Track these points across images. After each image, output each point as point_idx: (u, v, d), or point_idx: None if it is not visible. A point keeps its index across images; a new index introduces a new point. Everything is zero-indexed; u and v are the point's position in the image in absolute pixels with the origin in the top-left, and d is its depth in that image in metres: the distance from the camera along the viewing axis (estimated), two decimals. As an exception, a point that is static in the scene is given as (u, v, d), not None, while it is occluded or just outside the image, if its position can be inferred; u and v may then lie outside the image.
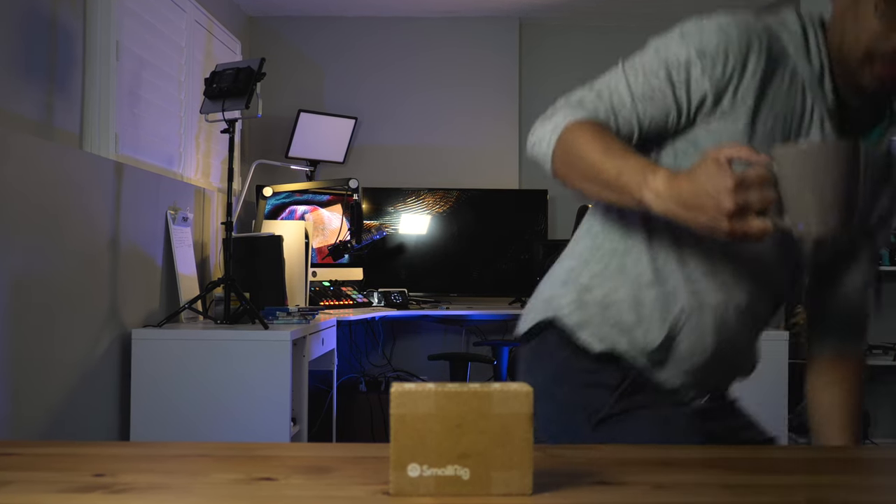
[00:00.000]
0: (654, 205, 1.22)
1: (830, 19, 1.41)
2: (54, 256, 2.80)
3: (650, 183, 1.22)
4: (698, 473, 1.17)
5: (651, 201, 1.22)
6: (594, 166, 1.30)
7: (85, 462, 1.17)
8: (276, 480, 1.06)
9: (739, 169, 1.16)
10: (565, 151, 1.35)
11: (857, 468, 1.24)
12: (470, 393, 0.98)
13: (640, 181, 1.23)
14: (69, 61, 3.12)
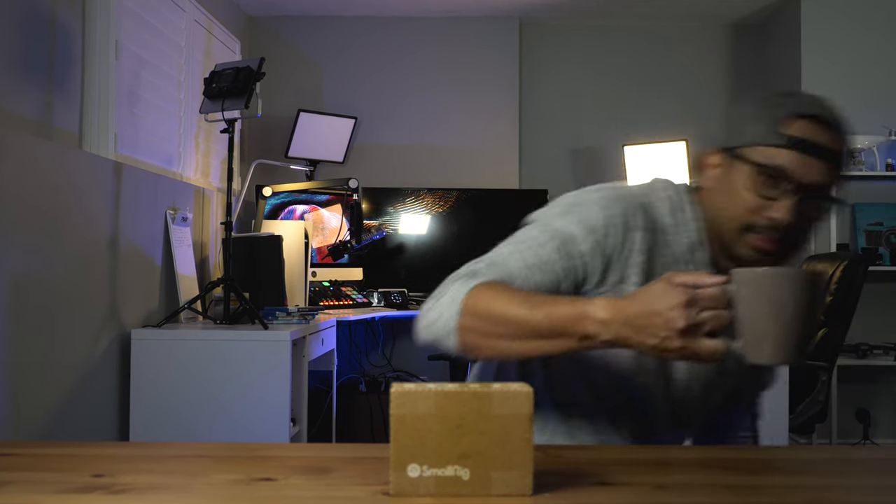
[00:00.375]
0: (602, 333, 1.17)
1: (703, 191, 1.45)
2: (53, 256, 2.80)
3: (592, 314, 1.18)
4: (699, 474, 1.17)
5: (598, 331, 1.18)
6: (520, 320, 1.23)
7: (84, 462, 1.17)
8: (275, 481, 1.06)
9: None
10: (476, 317, 1.28)
11: (857, 469, 1.23)
12: (470, 393, 0.98)
13: (578, 316, 1.19)
14: (68, 61, 3.12)
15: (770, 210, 1.34)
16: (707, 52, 5.65)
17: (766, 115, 1.36)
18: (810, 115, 1.34)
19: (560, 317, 1.20)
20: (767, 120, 1.36)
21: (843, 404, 4.82)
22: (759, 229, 1.36)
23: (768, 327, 1.09)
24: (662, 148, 5.04)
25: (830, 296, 3.84)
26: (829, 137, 1.34)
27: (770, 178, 1.34)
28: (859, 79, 4.96)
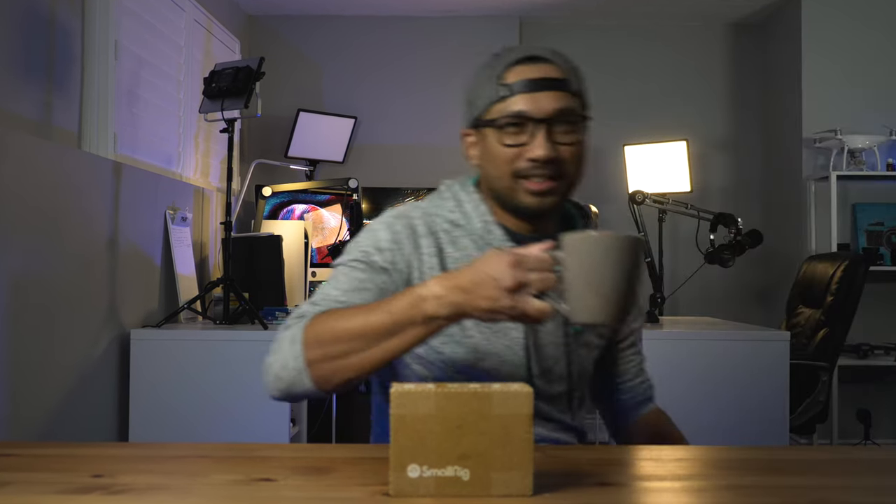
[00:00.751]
0: (441, 309, 1.20)
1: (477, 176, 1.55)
2: (53, 256, 2.79)
3: (426, 293, 1.21)
4: (698, 474, 1.18)
5: (436, 308, 1.20)
6: (362, 328, 1.26)
7: (83, 463, 1.17)
8: (275, 481, 1.06)
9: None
10: (320, 345, 1.29)
11: (858, 469, 1.23)
12: (470, 393, 0.98)
13: (414, 301, 1.22)
14: (68, 60, 3.11)
15: (527, 152, 1.42)
16: (708, 52, 5.65)
17: (488, 77, 1.46)
18: (523, 59, 1.45)
19: (398, 309, 1.23)
20: (491, 81, 1.45)
21: (844, 405, 4.82)
22: (526, 173, 1.43)
23: (590, 288, 1.14)
24: (663, 147, 5.04)
25: (831, 296, 3.84)
26: (546, 69, 1.44)
27: (514, 126, 1.43)
28: (860, 78, 4.96)
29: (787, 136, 5.23)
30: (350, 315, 1.29)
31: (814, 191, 4.93)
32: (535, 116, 1.42)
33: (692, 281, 4.88)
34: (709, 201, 5.32)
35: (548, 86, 1.43)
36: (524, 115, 1.42)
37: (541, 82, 1.43)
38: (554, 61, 1.45)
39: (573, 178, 1.47)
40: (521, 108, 1.42)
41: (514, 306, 1.15)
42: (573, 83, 1.46)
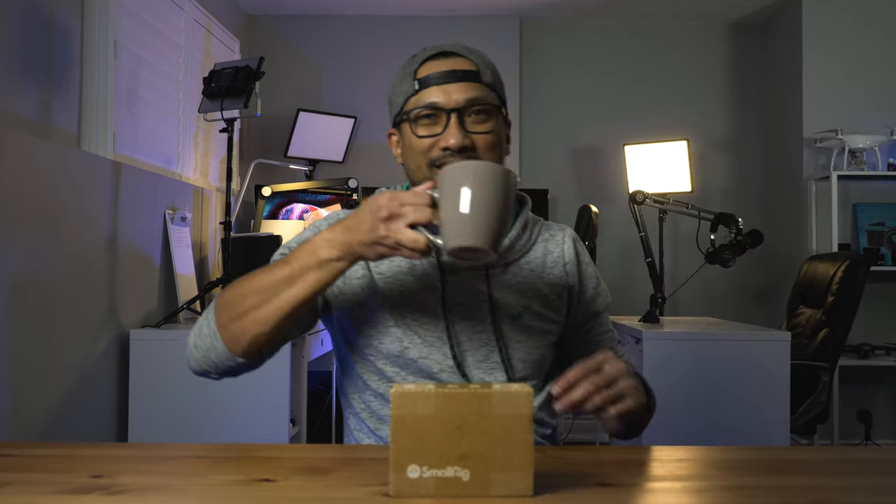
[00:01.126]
0: (330, 249, 1.28)
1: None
2: (52, 257, 2.78)
3: (318, 239, 1.29)
4: (699, 475, 1.18)
5: (329, 251, 1.28)
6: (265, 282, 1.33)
7: (82, 463, 1.17)
8: (274, 482, 1.06)
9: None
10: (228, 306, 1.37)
11: (859, 469, 1.23)
12: (470, 394, 0.98)
13: (309, 248, 1.30)
14: (67, 60, 3.11)
15: (441, 141, 1.47)
16: (709, 51, 5.65)
17: (404, 74, 1.52)
18: (433, 55, 1.51)
19: (295, 259, 1.31)
20: (407, 77, 1.52)
21: (845, 405, 4.82)
22: (441, 162, 1.46)
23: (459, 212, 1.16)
24: (664, 147, 5.03)
25: (831, 296, 3.84)
26: (457, 62, 1.50)
27: (427, 119, 1.48)
28: (861, 78, 4.95)
29: (787, 136, 5.23)
30: (255, 275, 1.36)
31: (814, 191, 4.93)
32: (446, 106, 1.47)
33: (693, 281, 4.87)
34: (709, 201, 5.32)
35: (458, 77, 1.48)
36: (436, 106, 1.47)
37: (451, 73, 1.49)
38: (465, 55, 1.51)
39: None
40: (433, 98, 1.48)
41: (388, 235, 1.20)
42: (485, 75, 1.51)
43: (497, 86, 1.53)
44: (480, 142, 1.48)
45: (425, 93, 1.49)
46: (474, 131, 1.48)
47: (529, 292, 1.55)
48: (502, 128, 1.54)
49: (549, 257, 1.60)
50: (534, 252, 1.59)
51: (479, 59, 1.52)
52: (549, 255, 1.60)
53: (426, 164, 1.49)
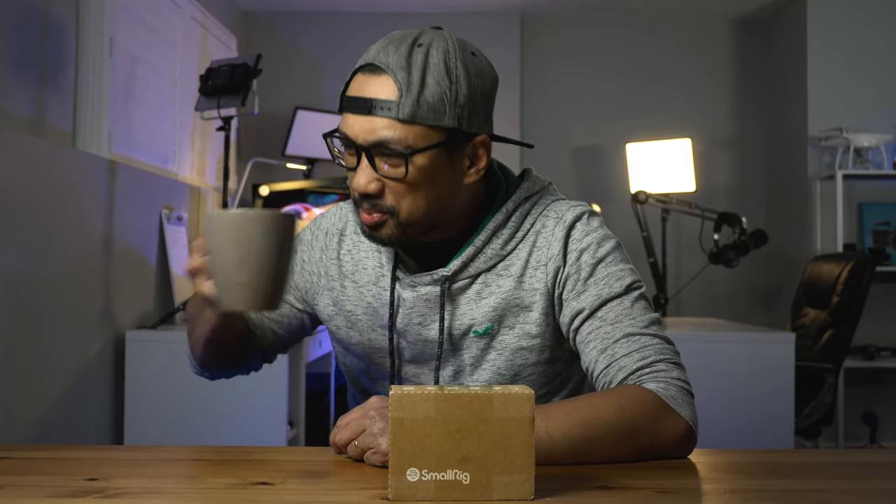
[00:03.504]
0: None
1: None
2: (46, 257, 2.77)
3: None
4: (702, 478, 1.17)
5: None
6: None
7: (78, 466, 1.16)
8: (272, 485, 1.06)
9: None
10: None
11: (864, 472, 1.22)
12: (470, 396, 0.97)
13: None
14: (62, 58, 3.09)
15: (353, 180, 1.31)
16: (712, 48, 5.63)
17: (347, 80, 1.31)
18: (361, 67, 1.28)
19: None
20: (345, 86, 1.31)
21: (850, 407, 4.79)
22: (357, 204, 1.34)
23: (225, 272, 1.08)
24: (666, 145, 4.99)
25: (836, 297, 3.81)
26: (378, 85, 1.25)
27: (345, 147, 1.32)
28: (866, 76, 4.93)
29: (792, 135, 5.21)
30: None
31: (819, 190, 4.90)
32: (355, 140, 1.27)
33: (696, 281, 4.85)
34: (713, 201, 5.29)
35: (367, 108, 1.25)
36: (347, 138, 1.29)
37: (361, 103, 1.26)
38: (392, 74, 1.24)
39: (409, 212, 1.30)
40: (346, 128, 1.28)
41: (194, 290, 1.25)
42: (404, 107, 1.24)
43: (428, 116, 1.25)
44: (391, 187, 1.28)
45: (344, 117, 1.29)
46: (384, 175, 1.27)
47: (503, 303, 1.38)
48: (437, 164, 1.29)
49: (534, 256, 1.39)
50: (519, 252, 1.40)
51: (405, 83, 1.24)
52: (535, 252, 1.39)
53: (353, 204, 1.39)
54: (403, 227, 1.32)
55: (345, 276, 1.47)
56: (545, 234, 1.40)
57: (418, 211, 1.31)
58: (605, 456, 1.18)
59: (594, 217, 1.42)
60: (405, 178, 1.27)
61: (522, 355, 1.40)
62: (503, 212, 1.40)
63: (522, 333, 1.39)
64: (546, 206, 1.43)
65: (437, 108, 1.25)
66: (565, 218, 1.40)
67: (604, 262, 1.38)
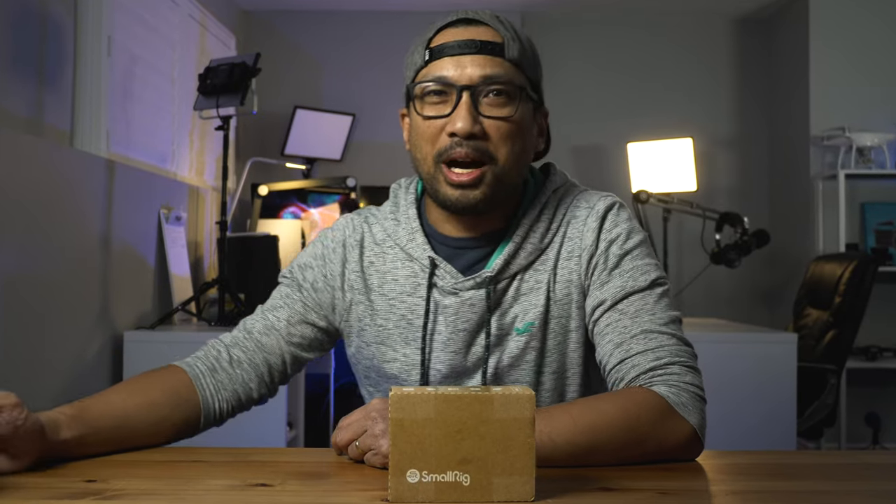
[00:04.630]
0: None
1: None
2: (44, 257, 2.76)
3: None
4: (704, 479, 1.16)
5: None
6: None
7: (76, 467, 1.16)
8: (271, 486, 1.05)
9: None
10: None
11: (867, 474, 1.21)
12: (471, 397, 0.96)
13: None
14: (60, 57, 3.09)
15: (448, 125, 1.28)
16: (714, 47, 5.62)
17: (417, 44, 1.34)
18: (451, 23, 1.32)
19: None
20: (418, 48, 1.33)
21: (853, 408, 4.78)
22: (448, 155, 1.29)
23: None
24: (668, 145, 4.97)
25: (839, 297, 3.79)
26: (479, 32, 1.29)
27: (436, 95, 1.29)
28: (868, 74, 4.93)
29: (794, 134, 5.20)
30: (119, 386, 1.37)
31: (821, 190, 4.89)
32: (457, 82, 1.27)
33: (697, 281, 4.84)
34: (714, 200, 5.28)
35: (475, 48, 1.28)
36: (445, 81, 1.28)
37: (468, 43, 1.28)
38: (491, 25, 1.30)
39: (505, 164, 1.30)
40: (443, 72, 1.28)
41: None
42: (510, 49, 1.29)
43: (527, 65, 1.31)
44: (494, 130, 1.28)
45: (435, 65, 1.29)
46: (489, 115, 1.27)
47: (542, 299, 1.36)
48: (529, 116, 1.33)
49: (566, 247, 1.37)
50: (553, 245, 1.38)
51: (507, 31, 1.30)
52: (566, 243, 1.37)
53: (433, 155, 1.31)
54: (497, 181, 1.30)
55: (371, 289, 1.41)
56: (576, 225, 1.38)
57: (513, 161, 1.30)
58: (608, 460, 1.16)
59: (623, 209, 1.40)
60: (512, 117, 1.28)
61: (560, 352, 1.37)
62: (536, 206, 1.38)
63: (560, 329, 1.37)
64: (575, 197, 1.41)
65: (533, 62, 1.33)
66: (597, 208, 1.38)
67: (630, 255, 1.35)
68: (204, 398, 1.36)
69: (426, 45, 1.32)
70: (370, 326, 1.41)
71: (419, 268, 1.38)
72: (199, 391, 1.36)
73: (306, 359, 1.48)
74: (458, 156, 1.28)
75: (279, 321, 1.43)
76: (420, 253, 1.38)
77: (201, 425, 1.38)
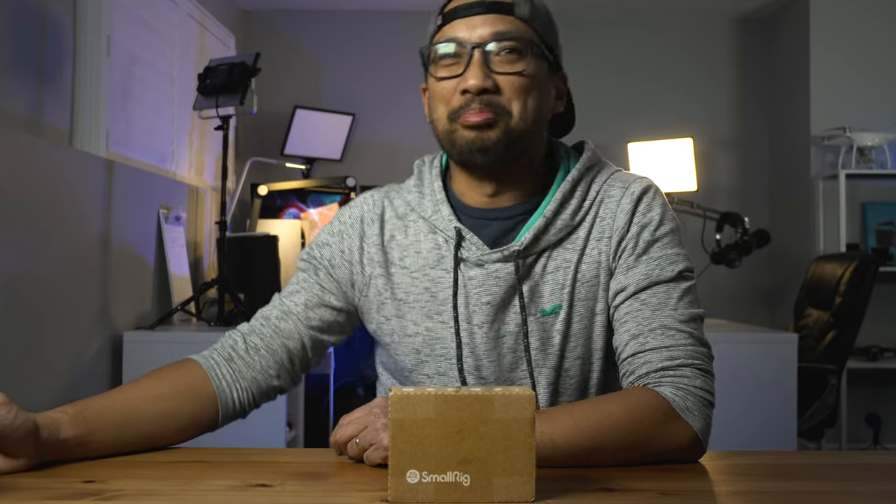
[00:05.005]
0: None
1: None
2: (43, 257, 2.75)
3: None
4: (705, 480, 1.16)
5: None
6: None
7: (74, 468, 1.15)
8: (271, 487, 1.05)
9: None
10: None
11: (868, 474, 1.20)
12: (471, 397, 0.96)
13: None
14: (59, 56, 3.08)
15: (461, 84, 1.29)
16: (714, 47, 5.61)
17: (434, 15, 1.36)
18: None
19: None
20: (434, 17, 1.36)
21: (853, 408, 4.77)
22: (462, 111, 1.29)
23: None
24: (668, 145, 4.97)
25: (839, 297, 3.79)
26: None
27: (449, 58, 1.31)
28: (869, 74, 4.92)
29: (794, 134, 5.20)
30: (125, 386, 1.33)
31: (822, 189, 4.89)
32: (468, 41, 1.29)
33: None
34: (715, 200, 5.27)
35: (485, 7, 1.30)
36: (457, 40, 1.30)
37: (479, 4, 1.31)
38: None
39: (519, 119, 1.30)
40: (455, 33, 1.31)
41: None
42: (521, 7, 1.31)
43: (540, 23, 1.33)
44: (506, 84, 1.29)
45: (448, 28, 1.32)
46: (500, 71, 1.29)
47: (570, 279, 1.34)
48: (543, 74, 1.34)
49: (598, 227, 1.36)
50: (584, 223, 1.36)
51: None
52: (598, 223, 1.36)
53: (447, 115, 1.31)
54: (510, 133, 1.30)
55: (391, 262, 1.40)
56: (610, 205, 1.36)
57: (527, 116, 1.31)
58: (609, 461, 1.16)
59: (660, 194, 1.39)
60: (524, 72, 1.30)
61: (585, 336, 1.35)
62: (569, 181, 1.37)
63: (586, 311, 1.35)
64: (610, 175, 1.40)
65: (546, 22, 1.35)
66: (633, 189, 1.37)
67: (660, 242, 1.34)
68: (220, 389, 1.34)
69: (440, 11, 1.35)
70: (390, 300, 1.39)
71: (443, 239, 1.38)
72: (215, 382, 1.34)
73: (327, 342, 1.45)
74: (472, 113, 1.29)
75: (297, 305, 1.41)
76: (445, 224, 1.37)
77: (220, 418, 1.35)
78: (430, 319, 1.37)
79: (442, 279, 1.37)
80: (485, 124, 1.28)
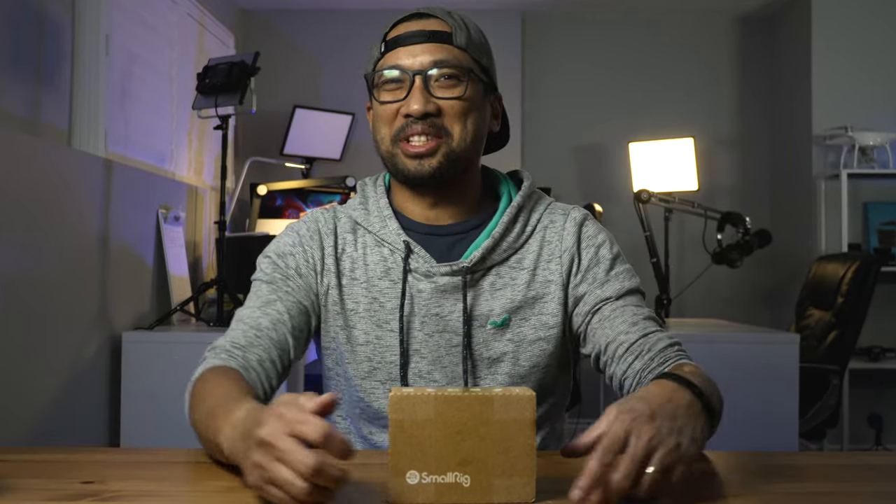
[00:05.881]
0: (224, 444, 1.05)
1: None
2: (41, 257, 2.74)
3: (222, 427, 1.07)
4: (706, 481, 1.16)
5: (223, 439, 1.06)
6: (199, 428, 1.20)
7: (73, 469, 1.16)
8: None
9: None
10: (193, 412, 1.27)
11: (870, 475, 1.20)
12: (471, 398, 0.96)
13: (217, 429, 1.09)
14: (58, 56, 3.08)
15: (403, 108, 1.39)
16: (715, 46, 5.61)
17: (378, 42, 1.46)
18: (405, 18, 1.44)
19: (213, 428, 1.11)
20: (377, 43, 1.46)
21: (855, 409, 4.76)
22: (404, 134, 1.39)
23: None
24: (669, 145, 4.96)
25: (841, 297, 3.78)
26: (429, 23, 1.42)
27: (392, 83, 1.40)
28: (871, 73, 4.91)
29: (796, 133, 5.19)
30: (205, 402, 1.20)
31: (824, 189, 4.88)
32: (410, 69, 1.38)
33: (699, 282, 4.82)
34: (716, 200, 5.26)
35: (425, 37, 1.40)
36: (400, 67, 1.39)
37: (418, 34, 1.40)
38: (441, 17, 1.43)
39: (460, 140, 1.40)
40: (398, 61, 1.40)
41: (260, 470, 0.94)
42: (458, 37, 1.41)
43: (475, 50, 1.43)
44: (447, 108, 1.39)
45: (391, 55, 1.41)
46: (441, 96, 1.38)
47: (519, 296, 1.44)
48: (480, 96, 1.43)
49: (546, 249, 1.48)
50: (529, 246, 1.48)
51: (455, 21, 1.42)
52: (545, 246, 1.48)
53: (391, 137, 1.41)
54: (452, 154, 1.40)
55: (342, 273, 1.47)
56: (554, 229, 1.49)
57: (467, 138, 1.40)
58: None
59: (595, 220, 1.54)
60: (463, 96, 1.39)
61: (540, 346, 1.44)
62: (515, 206, 1.48)
63: (539, 325, 1.45)
64: (548, 205, 1.53)
65: (481, 48, 1.44)
66: (573, 215, 1.51)
67: (618, 260, 1.50)
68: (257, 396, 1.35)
69: (383, 38, 1.44)
70: (342, 311, 1.46)
71: (389, 251, 1.46)
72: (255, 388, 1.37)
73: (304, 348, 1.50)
74: (413, 132, 1.38)
75: (281, 314, 1.43)
76: (394, 238, 1.45)
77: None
78: (380, 328, 1.43)
79: (389, 290, 1.44)
80: (426, 153, 1.39)
